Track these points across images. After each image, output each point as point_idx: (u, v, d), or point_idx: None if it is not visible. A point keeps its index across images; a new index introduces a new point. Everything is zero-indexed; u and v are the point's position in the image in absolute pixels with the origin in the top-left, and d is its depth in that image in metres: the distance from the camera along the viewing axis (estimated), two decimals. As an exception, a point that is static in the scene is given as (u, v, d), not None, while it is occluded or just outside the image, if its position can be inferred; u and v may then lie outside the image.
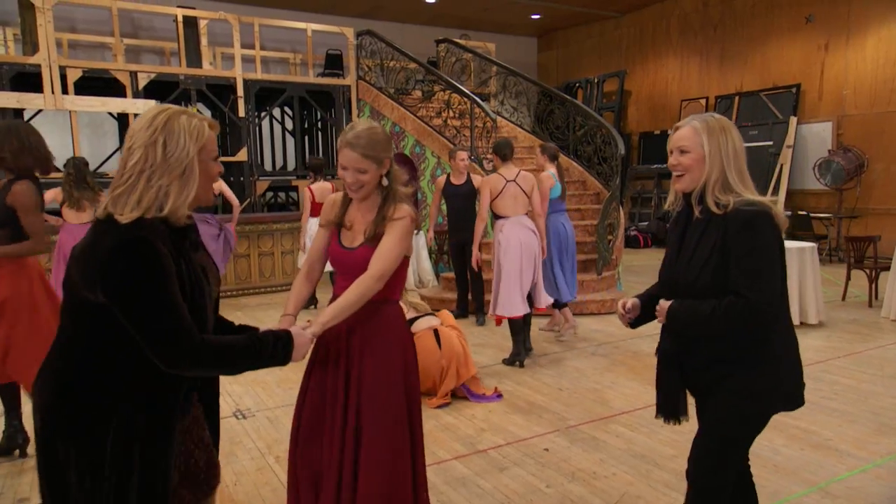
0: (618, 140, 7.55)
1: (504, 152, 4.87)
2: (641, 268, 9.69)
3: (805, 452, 3.29)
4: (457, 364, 4.12)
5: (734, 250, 1.77)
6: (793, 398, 1.89)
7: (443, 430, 3.66)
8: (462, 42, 10.32)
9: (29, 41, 7.52)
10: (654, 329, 6.27)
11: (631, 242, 12.10)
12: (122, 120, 8.26)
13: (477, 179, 5.92)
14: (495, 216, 4.87)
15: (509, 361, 4.91)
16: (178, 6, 8.46)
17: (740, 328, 1.80)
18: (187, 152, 1.47)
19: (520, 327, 4.84)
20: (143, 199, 1.44)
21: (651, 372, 4.52)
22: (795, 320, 5.72)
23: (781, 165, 10.21)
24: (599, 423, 3.74)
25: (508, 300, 4.69)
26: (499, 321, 4.93)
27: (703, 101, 12.21)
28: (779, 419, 3.65)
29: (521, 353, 4.87)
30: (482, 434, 3.60)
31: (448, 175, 6.29)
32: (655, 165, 12.79)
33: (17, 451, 3.35)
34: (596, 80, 13.65)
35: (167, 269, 1.43)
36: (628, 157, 13.59)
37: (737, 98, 11.52)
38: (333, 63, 9.93)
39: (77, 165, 5.16)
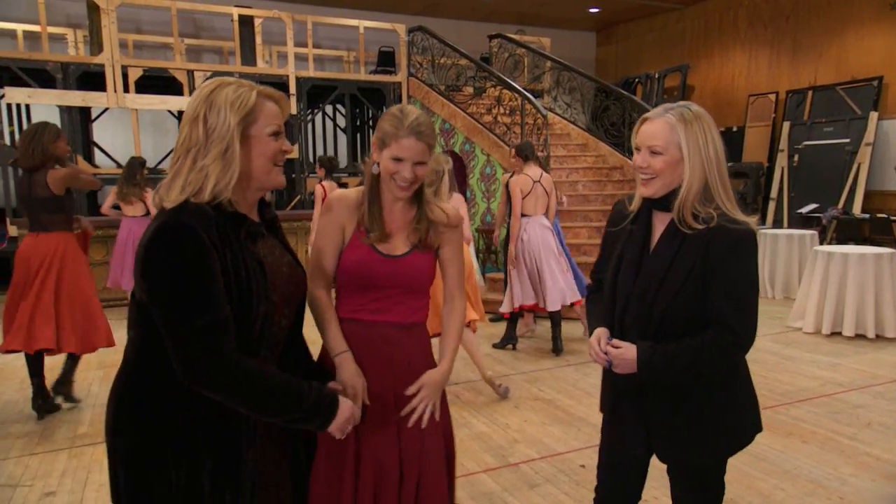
0: (676, 137, 7.18)
1: (526, 153, 5.11)
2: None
3: (877, 484, 2.97)
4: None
5: (720, 275, 1.50)
6: (758, 423, 1.72)
7: (475, 439, 3.53)
8: (515, 37, 10.09)
9: (95, 42, 7.82)
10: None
11: (691, 244, 11.58)
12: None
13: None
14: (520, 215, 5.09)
15: (500, 345, 5.31)
16: (236, 5, 8.62)
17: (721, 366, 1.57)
18: (228, 126, 1.28)
19: (517, 316, 5.32)
20: (188, 182, 1.27)
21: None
22: (870, 333, 5.34)
23: (859, 164, 9.51)
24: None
25: (522, 292, 5.03)
26: (509, 315, 5.22)
27: (772, 97, 11.54)
28: (847, 444, 3.39)
29: (513, 337, 5.32)
30: (515, 446, 3.44)
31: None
32: (719, 164, 12.20)
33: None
34: (656, 76, 13.12)
35: (207, 260, 1.22)
36: (690, 156, 13.04)
37: (810, 92, 10.82)
38: (386, 60, 9.91)
39: (131, 164, 5.74)
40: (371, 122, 10.77)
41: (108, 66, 7.38)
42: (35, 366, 3.69)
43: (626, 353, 1.57)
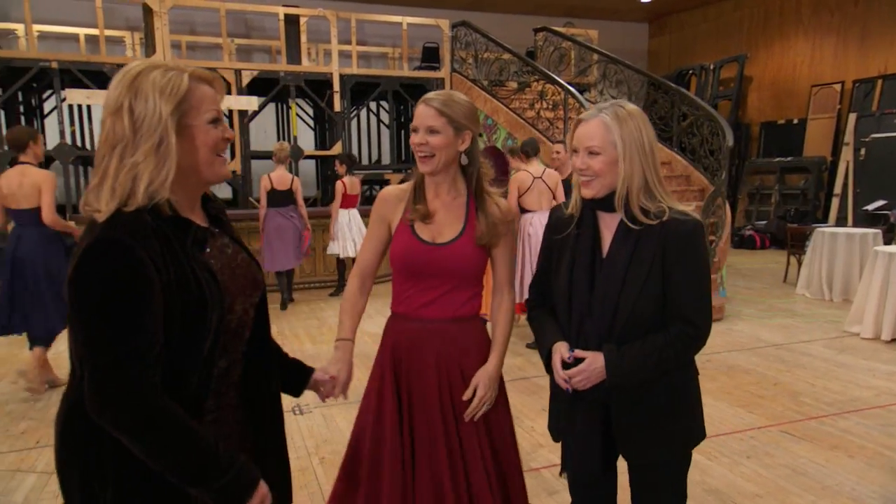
0: (726, 130, 6.88)
1: (527, 150, 5.18)
2: (753, 272, 8.86)
3: (923, 505, 2.76)
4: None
5: (677, 269, 1.51)
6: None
7: (499, 440, 3.47)
8: (560, 30, 9.89)
9: (150, 44, 8.12)
10: (754, 342, 5.63)
11: (746, 243, 11.11)
12: (231, 115, 8.74)
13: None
14: (522, 210, 5.09)
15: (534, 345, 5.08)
16: (283, 5, 8.77)
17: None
18: (159, 115, 1.10)
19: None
20: (118, 186, 1.10)
21: (745, 391, 4.12)
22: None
23: (931, 159, 8.89)
24: (675, 446, 3.38)
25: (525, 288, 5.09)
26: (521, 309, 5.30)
27: (837, 87, 10.93)
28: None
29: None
30: (538, 450, 3.36)
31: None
32: (778, 158, 11.64)
33: None
34: (712, 67, 12.63)
35: (140, 284, 1.07)
36: (747, 150, 12.52)
37: (879, 82, 10.19)
38: (430, 56, 9.89)
39: None
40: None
41: (160, 61, 7.65)
42: None
43: (593, 362, 1.54)
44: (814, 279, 7.04)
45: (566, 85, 7.75)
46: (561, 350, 1.59)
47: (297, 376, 1.55)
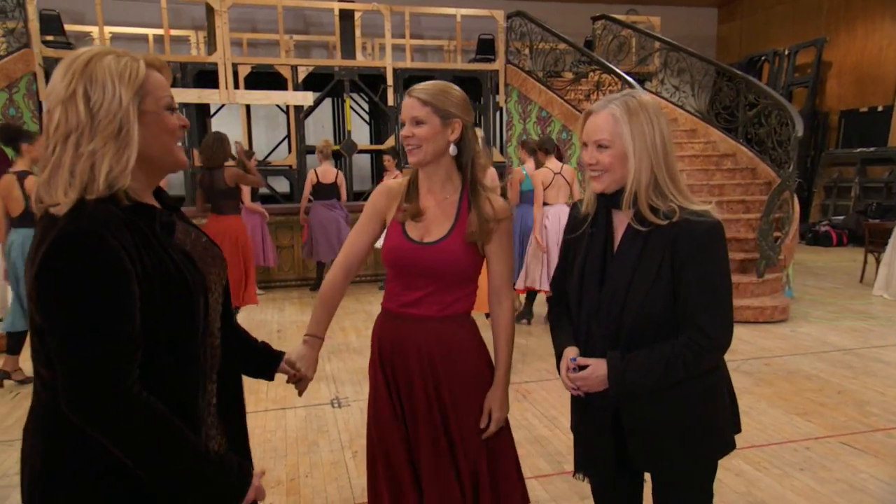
0: (795, 120, 6.46)
1: (547, 147, 5.57)
2: (826, 271, 8.31)
3: None
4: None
5: (688, 273, 1.43)
6: (737, 424, 1.64)
7: (533, 442, 3.38)
8: (620, 17, 9.56)
9: (212, 42, 8.39)
10: (820, 346, 5.29)
11: (821, 240, 10.44)
12: (288, 111, 8.95)
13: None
14: (542, 204, 5.50)
15: (516, 319, 5.46)
16: (338, 0, 8.88)
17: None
18: (119, 101, 1.07)
19: (535, 294, 5.70)
20: (77, 174, 1.05)
21: (805, 398, 3.85)
22: None
23: None
24: (720, 455, 3.19)
25: (535, 277, 5.44)
26: (523, 292, 5.65)
27: (928, 71, 10.08)
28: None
29: (530, 312, 5.74)
30: (573, 452, 3.25)
31: None
32: (859, 148, 10.86)
33: None
34: (786, 52, 11.91)
35: (116, 275, 1.03)
36: (824, 140, 11.76)
37: (976, 65, 9.32)
38: (485, 48, 9.78)
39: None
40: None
41: (221, 65, 7.89)
42: None
43: (596, 370, 1.50)
44: (893, 279, 6.53)
45: (623, 74, 7.48)
46: (567, 356, 1.57)
47: (268, 359, 1.52)
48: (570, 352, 1.56)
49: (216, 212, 4.94)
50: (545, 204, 5.40)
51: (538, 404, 3.86)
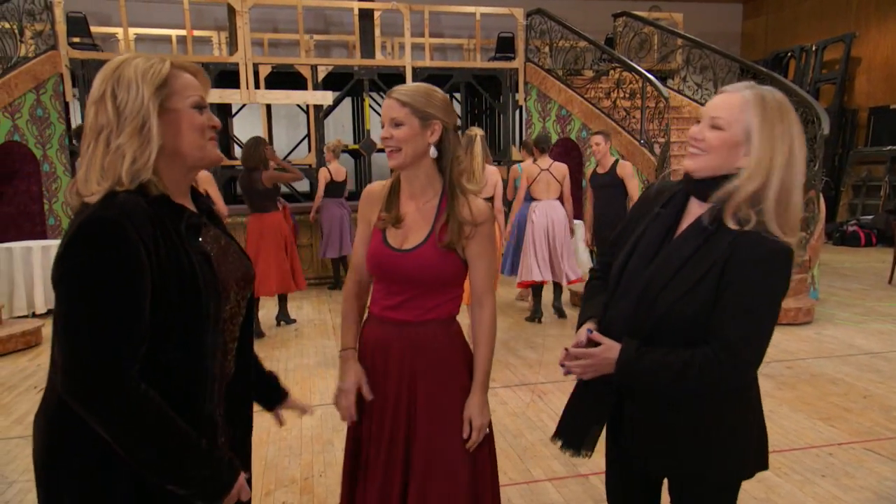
0: (821, 117, 6.32)
1: (542, 146, 5.77)
2: (854, 272, 8.11)
3: None
4: None
5: (736, 287, 1.29)
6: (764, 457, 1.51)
7: (547, 444, 3.33)
8: (642, 14, 9.44)
9: (233, 42, 8.48)
10: (846, 349, 5.16)
11: (848, 240, 10.21)
12: (308, 110, 9.01)
13: (627, 167, 5.58)
14: (530, 199, 5.78)
15: (530, 318, 5.79)
16: None
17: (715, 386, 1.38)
18: (141, 99, 1.13)
19: (539, 290, 5.84)
20: (106, 168, 1.12)
21: (829, 403, 3.76)
22: None
23: None
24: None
25: (528, 268, 5.65)
26: (524, 285, 5.92)
27: (961, 67, 9.79)
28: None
29: (538, 310, 5.80)
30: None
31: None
32: (889, 147, 10.58)
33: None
34: (813, 48, 11.66)
35: (130, 266, 1.06)
36: (852, 138, 11.50)
37: None
38: (505, 46, 9.74)
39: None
40: (488, 111, 10.68)
41: (242, 65, 7.97)
42: (281, 301, 5.65)
43: (606, 351, 1.40)
44: (923, 281, 6.34)
45: (644, 72, 7.39)
46: (583, 329, 1.48)
47: (272, 393, 1.54)
48: (588, 326, 1.48)
49: (257, 210, 5.25)
50: (533, 199, 5.72)
51: (554, 405, 3.82)
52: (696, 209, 1.40)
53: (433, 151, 1.63)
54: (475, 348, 1.73)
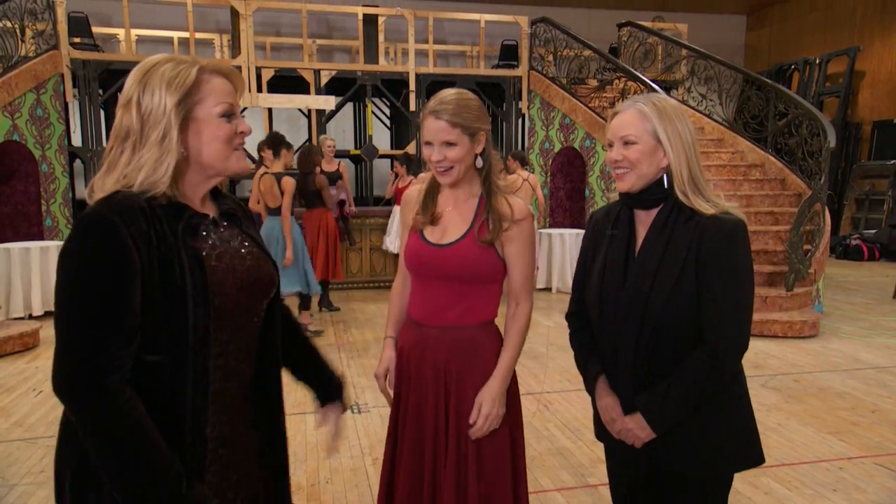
0: (827, 130, 6.28)
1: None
2: (858, 286, 8.06)
3: None
4: None
5: (710, 272, 1.41)
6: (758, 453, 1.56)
7: (555, 454, 3.27)
8: (646, 24, 9.43)
9: (236, 46, 8.44)
10: (852, 363, 5.12)
11: (851, 254, 10.17)
12: (310, 115, 8.97)
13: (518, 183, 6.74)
14: None
15: None
16: (362, 4, 8.89)
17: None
18: (163, 108, 1.11)
19: None
20: (124, 175, 1.12)
21: (837, 417, 3.69)
22: None
23: None
24: (749, 473, 3.05)
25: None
26: None
27: (966, 82, 9.78)
28: None
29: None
30: (597, 466, 3.14)
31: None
32: (893, 161, 10.56)
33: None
34: (817, 61, 11.67)
35: (120, 263, 1.04)
36: (856, 151, 11.48)
37: None
38: (508, 54, 9.72)
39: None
40: (491, 118, 10.66)
41: (245, 68, 7.93)
42: (324, 287, 6.31)
43: (637, 431, 1.50)
44: (929, 296, 6.29)
45: (649, 82, 7.36)
46: (607, 409, 1.57)
47: (325, 391, 1.51)
48: (612, 405, 1.54)
49: (309, 207, 5.93)
50: None
51: (560, 415, 3.76)
52: (644, 218, 1.51)
53: (479, 161, 1.67)
54: (505, 338, 1.72)
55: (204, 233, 1.18)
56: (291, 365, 1.44)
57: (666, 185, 1.47)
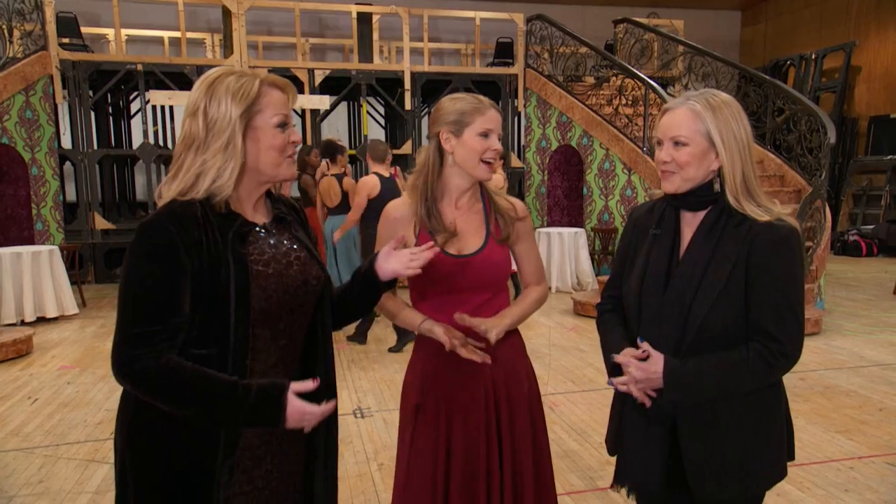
0: (827, 126, 6.23)
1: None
2: (858, 282, 8.03)
3: None
4: None
5: (762, 277, 1.35)
6: (792, 451, 1.53)
7: (563, 457, 3.20)
8: (642, 21, 9.37)
9: (228, 45, 8.34)
10: (856, 360, 5.07)
11: (849, 250, 10.15)
12: (304, 115, 8.88)
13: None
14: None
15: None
16: (356, 3, 8.80)
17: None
18: (229, 118, 1.21)
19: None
20: (192, 179, 1.22)
21: (845, 415, 3.64)
22: None
23: None
24: (759, 477, 2.99)
25: None
26: None
27: (962, 76, 9.77)
28: None
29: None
30: (606, 468, 3.07)
31: None
32: (890, 156, 10.55)
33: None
34: (813, 56, 11.64)
35: (170, 267, 1.17)
36: (853, 147, 11.47)
37: None
38: (504, 51, 9.65)
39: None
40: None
41: (237, 68, 7.83)
42: None
43: (652, 364, 1.39)
44: (931, 291, 6.26)
45: (646, 79, 7.30)
46: (629, 350, 1.47)
47: (370, 287, 1.52)
48: (630, 350, 1.45)
49: (305, 205, 6.17)
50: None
51: (565, 417, 3.70)
52: (691, 219, 1.46)
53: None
54: (520, 298, 1.76)
55: (252, 240, 1.28)
56: (351, 305, 1.51)
57: (717, 188, 1.41)
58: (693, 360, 1.38)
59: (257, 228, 1.30)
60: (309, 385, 1.24)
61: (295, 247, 1.34)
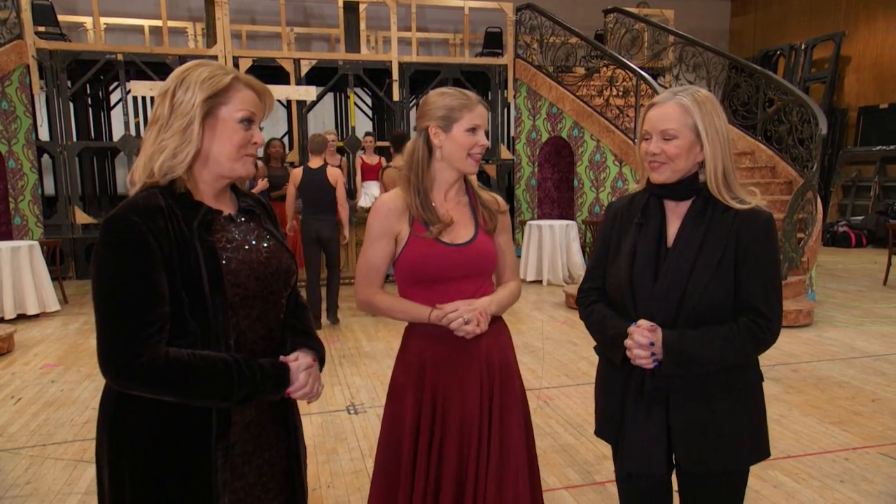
0: (819, 117, 6.19)
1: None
2: (848, 273, 8.03)
3: None
4: None
5: (750, 259, 1.46)
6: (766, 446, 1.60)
7: (559, 451, 3.14)
8: (633, 10, 9.28)
9: (211, 34, 8.16)
10: (848, 352, 5.01)
11: (839, 241, 10.16)
12: (289, 106, 8.72)
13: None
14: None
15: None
16: (344, -8, 8.64)
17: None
18: (192, 102, 1.23)
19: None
20: (150, 159, 1.25)
21: (839, 406, 3.59)
22: None
23: None
24: (756, 466, 2.91)
25: None
26: None
27: (950, 66, 9.78)
28: None
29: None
30: (603, 462, 3.01)
31: None
32: (879, 147, 10.56)
33: None
34: (802, 46, 11.62)
35: (142, 260, 1.16)
36: (842, 137, 11.48)
37: None
38: (493, 41, 9.54)
39: None
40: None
41: (221, 58, 7.66)
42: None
43: (650, 337, 1.46)
44: (921, 282, 6.25)
45: (638, 69, 7.22)
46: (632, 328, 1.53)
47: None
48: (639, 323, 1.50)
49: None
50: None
51: (561, 411, 3.64)
52: (675, 208, 1.54)
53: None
54: (500, 288, 1.79)
55: (218, 228, 1.29)
56: (289, 329, 1.48)
57: (702, 179, 1.50)
58: (687, 332, 1.46)
59: (223, 218, 1.31)
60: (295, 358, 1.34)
61: (267, 235, 1.37)
